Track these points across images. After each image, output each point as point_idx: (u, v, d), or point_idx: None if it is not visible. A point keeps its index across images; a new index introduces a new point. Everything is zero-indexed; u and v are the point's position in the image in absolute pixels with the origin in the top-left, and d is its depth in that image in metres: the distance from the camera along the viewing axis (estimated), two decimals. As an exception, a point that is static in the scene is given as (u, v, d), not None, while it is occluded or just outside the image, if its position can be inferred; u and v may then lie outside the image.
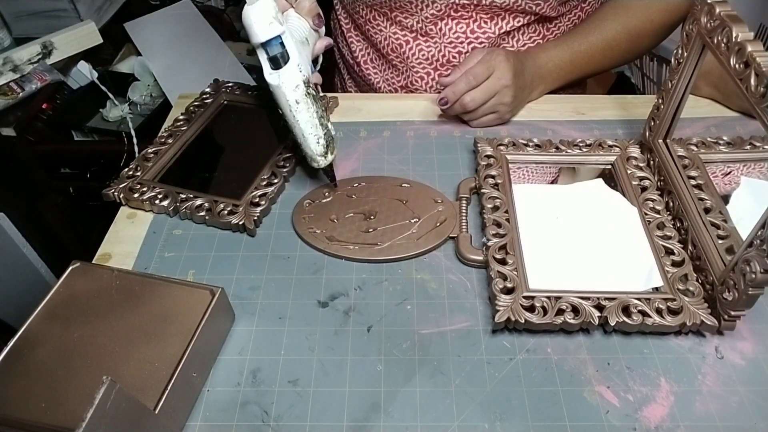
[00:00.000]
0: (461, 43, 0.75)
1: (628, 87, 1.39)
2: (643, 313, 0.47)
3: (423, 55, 0.77)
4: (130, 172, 0.63)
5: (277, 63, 0.53)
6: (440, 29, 0.75)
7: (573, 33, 0.74)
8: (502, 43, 0.77)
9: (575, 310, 0.47)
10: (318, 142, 0.57)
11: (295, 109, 0.55)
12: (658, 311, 0.47)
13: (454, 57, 0.76)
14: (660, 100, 0.59)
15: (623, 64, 0.86)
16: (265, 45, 0.53)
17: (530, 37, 0.77)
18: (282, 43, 0.53)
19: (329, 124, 0.58)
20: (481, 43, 0.75)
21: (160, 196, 0.60)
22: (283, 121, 0.57)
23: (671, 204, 0.56)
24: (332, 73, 0.99)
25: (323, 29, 0.63)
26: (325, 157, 0.58)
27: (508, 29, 0.75)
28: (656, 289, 0.49)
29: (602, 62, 0.74)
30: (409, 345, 0.48)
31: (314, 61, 0.63)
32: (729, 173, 0.61)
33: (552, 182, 0.64)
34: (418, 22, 0.75)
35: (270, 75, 0.54)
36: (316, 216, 0.58)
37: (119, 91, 1.24)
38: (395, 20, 0.76)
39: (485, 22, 0.74)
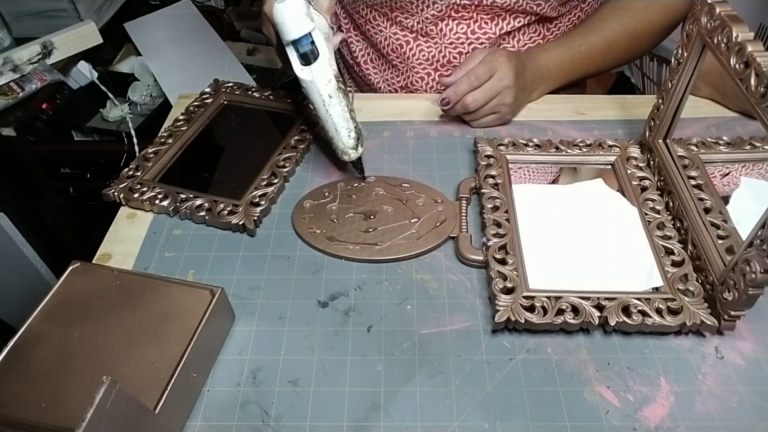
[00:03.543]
0: (462, 43, 0.75)
1: (628, 87, 1.39)
2: (643, 313, 0.47)
3: (423, 55, 0.77)
4: (130, 172, 0.63)
5: (307, 59, 0.54)
6: (441, 30, 0.75)
7: (573, 33, 0.74)
8: (503, 44, 0.77)
9: (575, 310, 0.47)
10: (349, 135, 0.58)
11: (328, 104, 0.56)
12: (658, 311, 0.47)
13: (454, 57, 0.76)
14: (660, 100, 0.59)
15: (623, 64, 0.86)
16: (295, 42, 0.54)
17: (530, 37, 0.77)
18: (312, 40, 0.54)
19: (356, 117, 0.59)
20: (481, 43, 0.75)
21: (160, 196, 0.60)
22: (314, 115, 0.58)
23: (671, 204, 0.56)
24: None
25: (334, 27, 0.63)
26: (356, 150, 0.59)
27: (509, 30, 0.75)
28: (656, 289, 0.49)
29: (602, 63, 0.74)
30: (409, 345, 0.48)
31: None
32: (728, 174, 0.61)
33: (552, 182, 0.63)
34: (418, 23, 0.75)
35: (302, 71, 0.55)
36: (316, 216, 0.58)
37: (119, 91, 1.24)
38: (395, 20, 0.76)
39: (486, 23, 0.74)
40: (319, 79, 0.55)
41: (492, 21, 0.74)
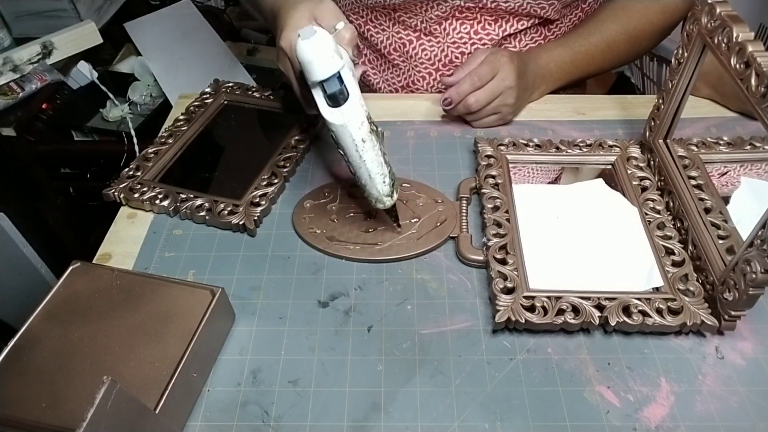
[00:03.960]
0: (464, 43, 0.75)
1: (628, 87, 1.39)
2: (644, 313, 0.47)
3: (426, 54, 0.77)
4: (131, 172, 0.63)
5: (335, 100, 0.48)
6: (444, 29, 0.75)
7: (573, 34, 0.74)
8: (505, 44, 0.77)
9: (575, 310, 0.47)
10: (384, 182, 0.52)
11: (361, 149, 0.49)
12: (659, 311, 0.47)
13: (456, 57, 0.76)
14: (660, 100, 0.59)
15: (622, 65, 0.86)
16: (323, 82, 0.48)
17: (532, 38, 0.77)
18: (341, 79, 0.48)
19: (389, 158, 0.53)
20: (484, 44, 0.75)
21: (160, 196, 0.60)
22: (345, 162, 0.53)
23: (671, 204, 0.56)
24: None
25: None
26: (392, 197, 0.53)
27: (512, 31, 0.75)
28: (656, 289, 0.49)
29: (602, 63, 0.74)
30: (409, 345, 0.48)
31: None
32: (726, 173, 0.61)
33: (553, 182, 0.63)
34: (422, 22, 0.75)
35: (331, 113, 0.49)
36: (317, 216, 0.58)
37: (119, 91, 1.24)
38: (398, 20, 0.76)
39: (489, 24, 0.74)
40: (352, 122, 0.48)
41: (495, 23, 0.74)
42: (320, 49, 0.46)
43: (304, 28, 0.46)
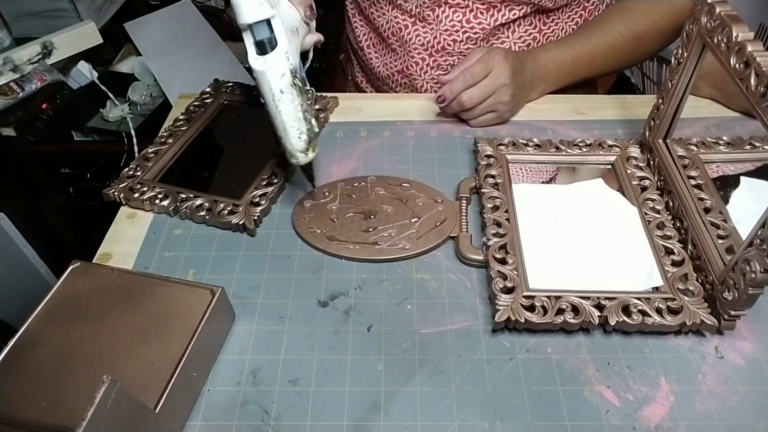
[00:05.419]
0: (456, 31, 0.76)
1: (628, 87, 1.39)
2: (643, 313, 0.47)
3: (419, 40, 0.78)
4: (131, 172, 0.63)
5: (263, 48, 0.51)
6: (437, 15, 0.76)
7: (576, 34, 0.74)
8: (498, 34, 0.77)
9: (575, 309, 0.47)
10: (300, 137, 0.53)
11: (278, 99, 0.51)
12: (658, 311, 0.47)
13: (448, 44, 0.77)
14: (660, 100, 0.59)
15: (627, 67, 0.86)
16: (252, 27, 0.50)
17: (526, 29, 0.77)
18: (271, 28, 0.50)
19: (313, 121, 0.55)
20: (476, 33, 0.76)
21: (160, 196, 0.60)
22: (264, 110, 0.54)
23: (671, 204, 0.56)
24: (334, 72, 0.99)
25: (314, 24, 0.62)
26: (306, 154, 0.54)
27: (504, 21, 0.75)
28: (656, 289, 0.49)
29: (605, 65, 0.74)
30: (409, 345, 0.48)
31: (303, 56, 0.61)
32: (727, 173, 0.61)
33: (553, 182, 0.63)
34: (416, 7, 0.76)
35: (255, 60, 0.51)
36: (316, 216, 0.58)
37: (119, 91, 1.24)
38: (396, 4, 0.78)
39: (481, 13, 0.74)
40: (272, 71, 0.50)
41: (487, 12, 0.74)
42: None
43: None
